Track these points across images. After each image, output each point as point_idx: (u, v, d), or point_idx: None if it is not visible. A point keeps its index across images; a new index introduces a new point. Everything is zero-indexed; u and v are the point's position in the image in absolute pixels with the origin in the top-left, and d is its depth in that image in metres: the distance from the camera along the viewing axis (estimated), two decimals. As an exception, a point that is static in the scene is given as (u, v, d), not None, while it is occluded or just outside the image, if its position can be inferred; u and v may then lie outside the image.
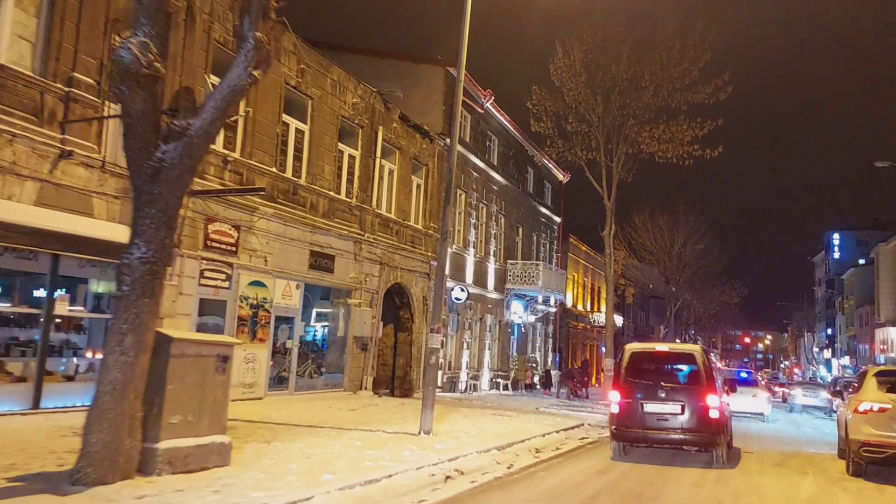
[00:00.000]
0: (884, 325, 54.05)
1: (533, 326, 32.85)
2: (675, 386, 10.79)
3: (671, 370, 11.23)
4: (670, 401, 10.53)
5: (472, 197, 25.27)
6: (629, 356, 11.36)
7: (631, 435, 10.80)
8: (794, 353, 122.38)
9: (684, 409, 10.42)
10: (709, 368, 11.00)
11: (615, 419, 10.88)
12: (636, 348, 11.87)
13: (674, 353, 11.99)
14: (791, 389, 28.80)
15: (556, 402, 23.66)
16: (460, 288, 23.07)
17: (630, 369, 11.12)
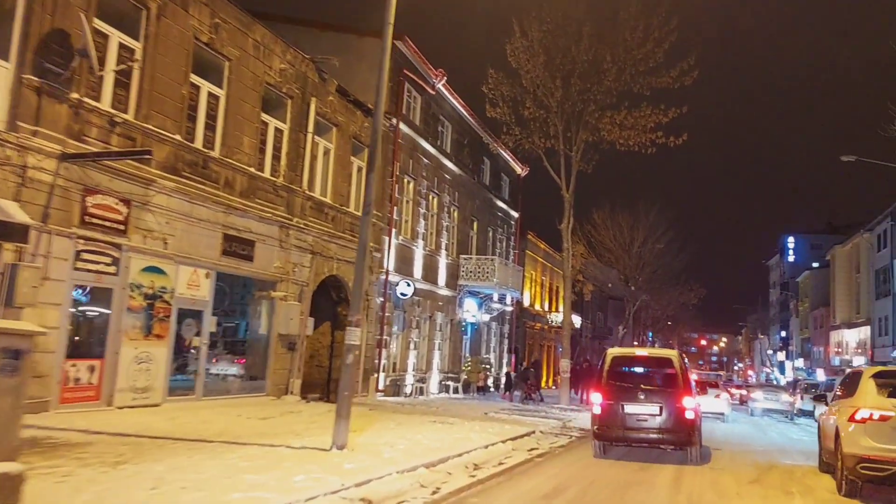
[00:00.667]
0: (839, 327, 54.04)
1: (488, 326, 31.11)
2: (653, 388, 11.40)
3: (650, 373, 11.85)
4: (649, 402, 11.14)
5: (422, 185, 23.39)
6: (611, 360, 11.95)
7: (612, 434, 11.35)
8: (748, 355, 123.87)
9: (662, 410, 11.02)
10: (685, 372, 11.57)
11: (597, 420, 11.36)
12: (617, 353, 12.55)
13: (653, 357, 12.71)
14: (752, 392, 27.68)
15: (509, 405, 21.92)
16: (406, 282, 21.15)
17: (611, 372, 11.66)
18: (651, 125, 21.85)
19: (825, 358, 60.23)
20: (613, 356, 12.16)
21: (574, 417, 18.92)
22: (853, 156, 25.82)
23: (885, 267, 43.76)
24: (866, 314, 47.64)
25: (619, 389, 11.40)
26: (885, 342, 42.79)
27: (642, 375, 11.86)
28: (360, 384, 19.39)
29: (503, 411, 19.19)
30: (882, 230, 44.60)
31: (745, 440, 16.77)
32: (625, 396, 11.25)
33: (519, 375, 24.01)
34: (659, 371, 11.85)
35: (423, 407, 18.52)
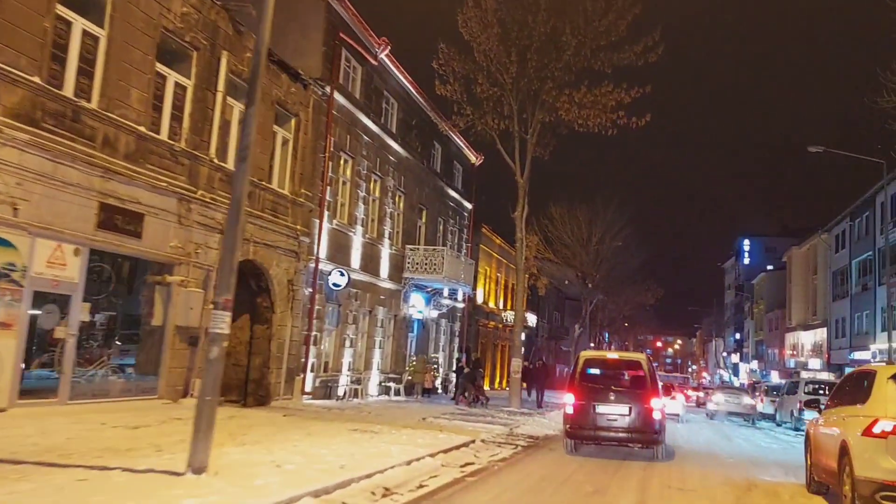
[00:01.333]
0: (794, 328, 53.65)
1: (436, 323, 29.02)
2: (623, 390, 11.90)
3: (620, 375, 12.35)
4: (619, 403, 11.63)
5: (362, 165, 21.15)
6: (583, 362, 12.56)
7: (583, 434, 11.87)
8: (702, 357, 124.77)
9: (631, 410, 11.51)
10: (653, 374, 12.09)
11: (569, 419, 11.95)
12: (589, 355, 13.15)
13: (623, 360, 13.21)
14: (711, 395, 26.16)
15: (455, 409, 19.87)
16: (339, 272, 18.88)
17: (583, 374, 12.22)
18: (612, 103, 20.09)
19: (780, 360, 59.97)
20: (585, 358, 12.79)
21: (523, 422, 16.96)
22: (820, 146, 24.64)
23: (843, 268, 43.24)
24: (823, 316, 47.16)
25: (590, 390, 11.92)
26: (842, 344, 42.22)
27: (613, 377, 12.37)
28: (282, 386, 17.09)
29: (445, 416, 17.11)
30: (840, 231, 44.11)
31: (712, 449, 15.03)
32: (596, 397, 11.75)
33: (465, 376, 22.04)
34: (628, 373, 12.39)
35: (353, 412, 16.30)
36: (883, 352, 34.82)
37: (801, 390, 24.07)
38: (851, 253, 41.54)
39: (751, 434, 20.03)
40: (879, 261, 36.78)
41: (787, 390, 26.39)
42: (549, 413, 20.68)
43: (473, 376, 22.04)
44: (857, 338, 39.69)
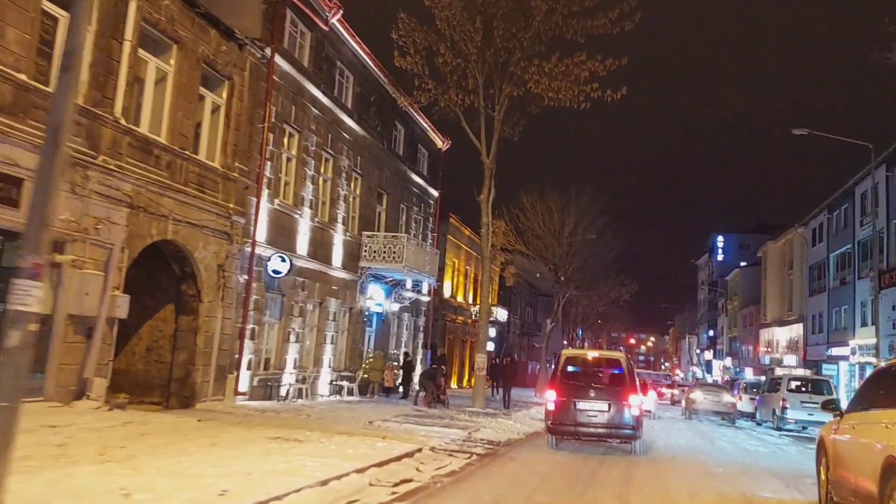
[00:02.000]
0: (769, 325, 52.74)
1: (398, 317, 27.09)
2: (603, 387, 12.27)
3: (600, 373, 12.75)
4: (599, 399, 11.96)
5: (310, 140, 19.13)
6: (564, 360, 12.99)
7: (564, 429, 12.15)
8: (675, 354, 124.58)
9: (611, 406, 11.83)
10: (631, 372, 12.49)
11: (551, 415, 12.20)
12: (570, 353, 13.64)
13: (603, 358, 13.59)
14: (690, 393, 24.57)
15: (412, 410, 17.97)
16: (280, 257, 16.85)
17: (564, 372, 12.61)
18: (585, 74, 18.36)
19: (754, 357, 59.16)
20: (567, 356, 13.22)
21: (485, 425, 15.12)
22: (805, 129, 23.27)
23: (820, 262, 42.24)
24: (799, 312, 46.20)
25: (571, 387, 12.25)
26: (819, 340, 41.21)
27: (593, 375, 12.76)
28: (210, 385, 15.05)
29: (397, 419, 15.20)
30: (817, 224, 43.12)
31: (695, 454, 13.36)
32: (577, 394, 12.08)
33: (425, 374, 20.14)
34: (608, 371, 12.73)
35: (291, 415, 14.31)
36: (863, 347, 33.73)
37: (783, 388, 22.64)
38: (829, 247, 40.52)
39: (733, 435, 18.48)
40: (859, 254, 35.73)
41: (767, 387, 24.99)
42: (515, 413, 18.91)
43: (433, 374, 20.17)
44: (834, 333, 38.65)
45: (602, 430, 12.08)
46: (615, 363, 12.99)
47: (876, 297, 24.70)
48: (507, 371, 19.29)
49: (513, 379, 19.46)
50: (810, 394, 22.45)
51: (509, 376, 19.30)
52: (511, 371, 19.23)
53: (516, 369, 21.66)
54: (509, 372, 19.33)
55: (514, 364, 19.37)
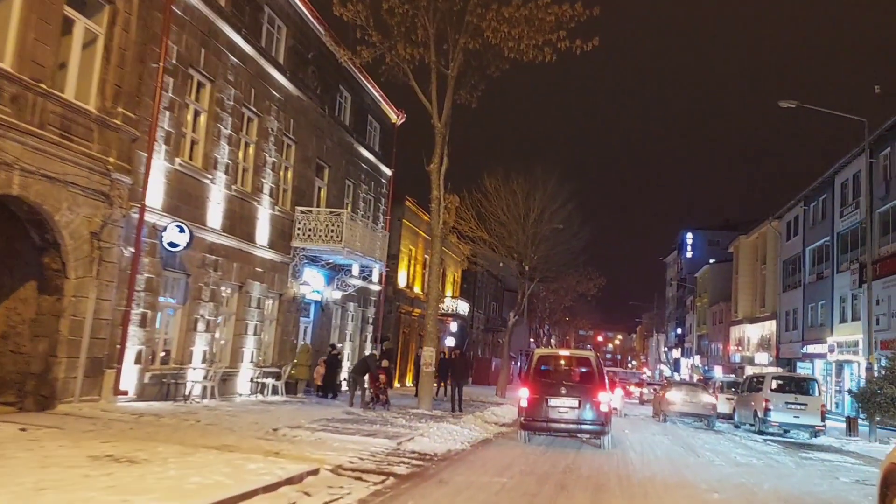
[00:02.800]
0: (740, 322, 51.05)
1: (342, 307, 24.17)
2: (573, 384, 12.97)
3: (571, 371, 13.57)
4: (570, 396, 12.62)
5: (227, 93, 16.14)
6: (537, 359, 13.87)
7: (536, 425, 12.83)
8: (643, 352, 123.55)
9: (581, 403, 12.53)
10: (601, 370, 13.26)
11: (524, 412, 12.85)
12: (543, 352, 14.72)
13: (574, 356, 14.35)
14: (665, 392, 22.06)
15: (343, 413, 15.12)
16: (178, 227, 13.84)
17: (537, 370, 13.41)
18: (551, 20, 15.70)
19: (724, 355, 57.55)
20: (539, 355, 13.86)
21: (424, 432, 12.34)
22: (793, 101, 21.03)
23: (795, 256, 40.46)
24: (772, 308, 44.46)
25: (543, 385, 12.73)
26: (793, 337, 39.42)
27: (564, 373, 13.35)
28: (79, 382, 12.04)
29: (314, 424, 12.35)
30: (793, 217, 41.34)
31: (679, 471, 10.77)
32: (549, 391, 12.57)
33: (354, 368, 17.16)
34: (578, 369, 13.24)
35: (175, 421, 11.36)
36: (842, 345, 31.84)
37: (766, 387, 20.35)
38: (805, 240, 38.72)
39: (715, 442, 16.03)
40: (838, 246, 33.91)
41: (747, 387, 22.70)
42: (466, 416, 16.19)
43: (364, 367, 17.32)
44: (810, 330, 36.83)
45: (572, 426, 12.67)
46: (585, 362, 13.49)
47: (869, 288, 22.55)
48: (457, 366, 16.58)
49: (463, 375, 16.77)
50: (795, 394, 20.21)
51: (459, 372, 16.60)
52: (461, 366, 16.52)
53: (467, 364, 18.99)
54: (459, 367, 16.61)
55: (463, 358, 16.68)
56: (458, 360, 17.11)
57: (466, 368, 17.46)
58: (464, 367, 17.17)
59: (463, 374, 17.14)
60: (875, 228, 29.52)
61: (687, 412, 20.61)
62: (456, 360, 16.99)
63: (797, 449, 16.27)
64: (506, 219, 30.87)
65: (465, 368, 17.22)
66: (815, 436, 19.58)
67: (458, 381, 17.18)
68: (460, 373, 17.16)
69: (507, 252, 31.46)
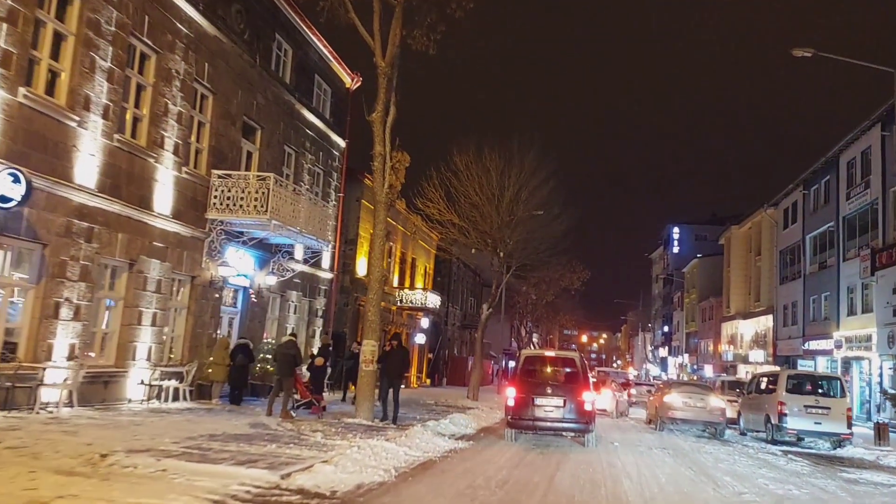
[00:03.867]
0: (733, 317, 48.02)
1: (282, 296, 20.60)
2: (558, 384, 13.35)
3: (556, 371, 13.95)
4: (555, 396, 12.90)
5: (105, 14, 12.52)
6: (524, 359, 14.13)
7: (522, 423, 13.06)
8: (628, 351, 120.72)
9: (566, 402, 12.78)
10: (585, 370, 13.64)
11: (511, 411, 13.05)
12: (529, 353, 15.12)
13: (559, 357, 14.79)
14: (664, 395, 18.38)
15: (242, 425, 11.58)
16: (10, 174, 10.20)
17: (524, 370, 13.71)
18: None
19: (715, 352, 54.58)
20: (526, 356, 14.35)
21: (332, 456, 8.78)
22: (809, 50, 17.81)
23: (794, 245, 37.40)
24: (768, 302, 41.40)
25: (529, 384, 13.14)
26: (793, 332, 36.34)
27: (550, 373, 13.86)
28: None
29: (186, 443, 8.79)
30: (791, 203, 38.29)
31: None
32: (534, 390, 12.95)
33: (279, 368, 13.49)
34: (563, 369, 13.80)
35: None
36: (851, 339, 28.74)
37: (781, 387, 17.06)
38: (805, 227, 35.66)
39: (729, 459, 12.60)
40: (844, 232, 30.83)
41: (756, 387, 19.41)
42: (412, 428, 12.63)
43: (289, 364, 13.74)
44: (813, 325, 33.75)
45: (557, 425, 12.90)
46: (570, 362, 13.80)
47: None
48: (392, 362, 13.06)
49: (401, 374, 13.25)
50: (816, 396, 16.96)
51: (395, 370, 13.05)
52: (397, 362, 13.02)
53: (406, 360, 15.48)
54: (396, 363, 13.09)
55: (401, 352, 13.26)
56: (396, 354, 13.63)
57: (404, 366, 13.98)
58: (400, 363, 13.69)
59: (399, 372, 13.65)
60: (889, 209, 26.49)
61: (691, 419, 17.16)
62: (393, 355, 13.50)
63: (831, 466, 12.96)
64: (478, 199, 27.40)
65: (401, 365, 13.73)
66: (840, 445, 16.32)
67: (394, 380, 13.70)
68: (398, 370, 13.67)
69: (479, 237, 27.98)
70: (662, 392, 17.97)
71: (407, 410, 17.16)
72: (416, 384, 36.76)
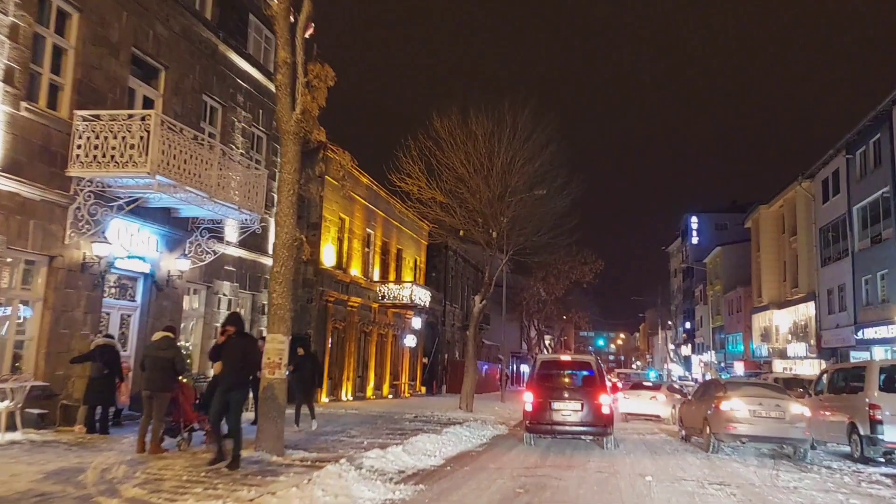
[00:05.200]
0: (766, 307, 43.03)
1: (207, 287, 16.16)
2: (575, 388, 13.57)
3: (572, 375, 14.25)
4: (572, 399, 12.89)
5: None
6: (540, 364, 14.25)
7: (541, 428, 12.90)
8: (647, 351, 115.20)
9: (583, 405, 12.77)
10: (601, 373, 13.68)
11: (529, 415, 12.95)
12: (546, 357, 15.41)
13: (575, 361, 15.49)
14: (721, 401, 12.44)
15: (72, 472, 7.17)
16: None
17: (541, 374, 13.70)
18: None
19: (746, 348, 49.55)
20: (542, 360, 14.50)
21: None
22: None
23: (836, 220, 32.48)
24: (808, 288, 36.44)
25: (547, 389, 13.11)
26: (842, 320, 31.37)
27: (566, 376, 14.17)
28: None
29: None
30: (831, 172, 33.37)
31: None
32: (552, 395, 12.91)
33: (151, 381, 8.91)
34: (580, 373, 14.10)
35: None
36: (922, 324, 23.77)
37: (871, 384, 12.35)
38: (851, 197, 30.76)
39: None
40: (904, 196, 25.95)
41: (829, 385, 14.56)
42: (317, 472, 7.99)
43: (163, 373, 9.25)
44: (867, 310, 28.82)
45: (576, 428, 12.86)
46: (586, 366, 14.15)
47: None
48: (303, 370, 8.82)
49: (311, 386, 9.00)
50: (922, 395, 12.19)
51: (306, 380, 8.79)
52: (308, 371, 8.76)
53: (316, 368, 10.94)
54: (305, 372, 8.83)
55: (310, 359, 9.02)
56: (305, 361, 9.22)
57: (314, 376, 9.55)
58: (311, 372, 9.23)
59: (310, 385, 9.24)
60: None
61: (763, 435, 12.06)
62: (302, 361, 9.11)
63: None
64: (464, 171, 22.87)
65: (312, 375, 9.29)
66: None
67: (307, 393, 9.21)
68: (307, 381, 9.22)
69: (468, 216, 23.42)
70: (720, 398, 12.91)
71: (365, 429, 12.67)
72: (408, 393, 32.21)
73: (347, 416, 17.65)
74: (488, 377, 43.30)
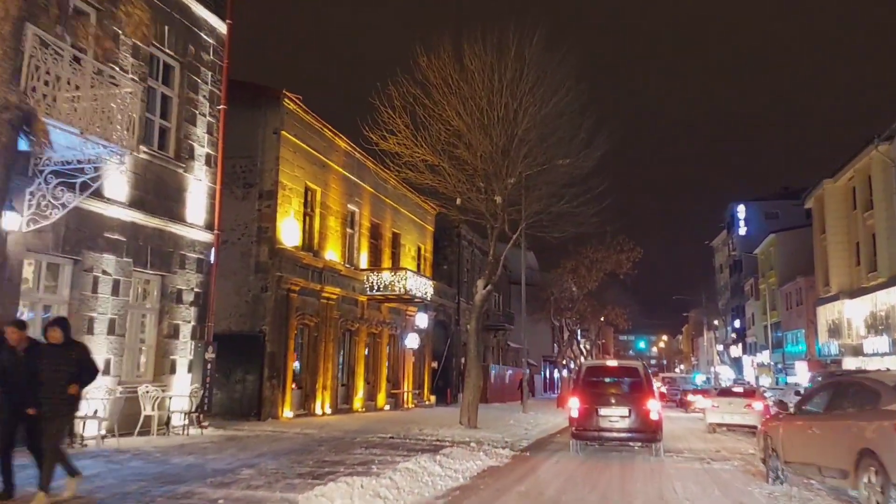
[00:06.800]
0: (834, 297, 36.89)
1: (77, 263, 11.48)
2: (622, 394, 13.16)
3: (619, 381, 13.77)
4: (619, 406, 12.66)
5: None
6: (586, 370, 14.14)
7: (588, 435, 12.76)
8: (692, 354, 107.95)
9: (631, 412, 12.51)
10: (648, 379, 13.42)
11: (575, 422, 12.71)
12: (591, 364, 15.09)
13: (622, 367, 14.51)
14: None
15: None
16: None
17: (586, 380, 13.54)
18: None
19: (809, 345, 43.27)
20: (588, 367, 14.37)
21: None
22: None
23: (930, 183, 26.50)
24: (889, 270, 30.40)
25: (593, 395, 12.86)
26: (943, 306, 25.32)
27: (613, 383, 13.73)
28: None
29: None
30: (919, 127, 27.42)
31: None
32: (598, 401, 12.69)
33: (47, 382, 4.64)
34: (627, 379, 13.59)
35: None
36: None
37: None
38: (950, 153, 24.81)
39: None
40: None
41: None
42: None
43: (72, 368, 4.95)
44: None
45: (624, 435, 12.63)
46: (633, 372, 13.67)
47: None
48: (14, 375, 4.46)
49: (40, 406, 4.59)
50: None
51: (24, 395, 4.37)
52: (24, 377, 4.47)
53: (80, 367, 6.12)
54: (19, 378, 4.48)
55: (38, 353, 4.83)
56: None
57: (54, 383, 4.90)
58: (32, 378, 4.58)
59: None
60: None
61: None
62: None
63: None
64: (460, 124, 17.87)
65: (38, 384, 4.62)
66: None
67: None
68: None
69: (465, 179, 18.36)
70: (881, 411, 6.96)
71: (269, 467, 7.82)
72: (411, 404, 27.27)
73: (288, 439, 12.79)
74: (512, 384, 38.19)
